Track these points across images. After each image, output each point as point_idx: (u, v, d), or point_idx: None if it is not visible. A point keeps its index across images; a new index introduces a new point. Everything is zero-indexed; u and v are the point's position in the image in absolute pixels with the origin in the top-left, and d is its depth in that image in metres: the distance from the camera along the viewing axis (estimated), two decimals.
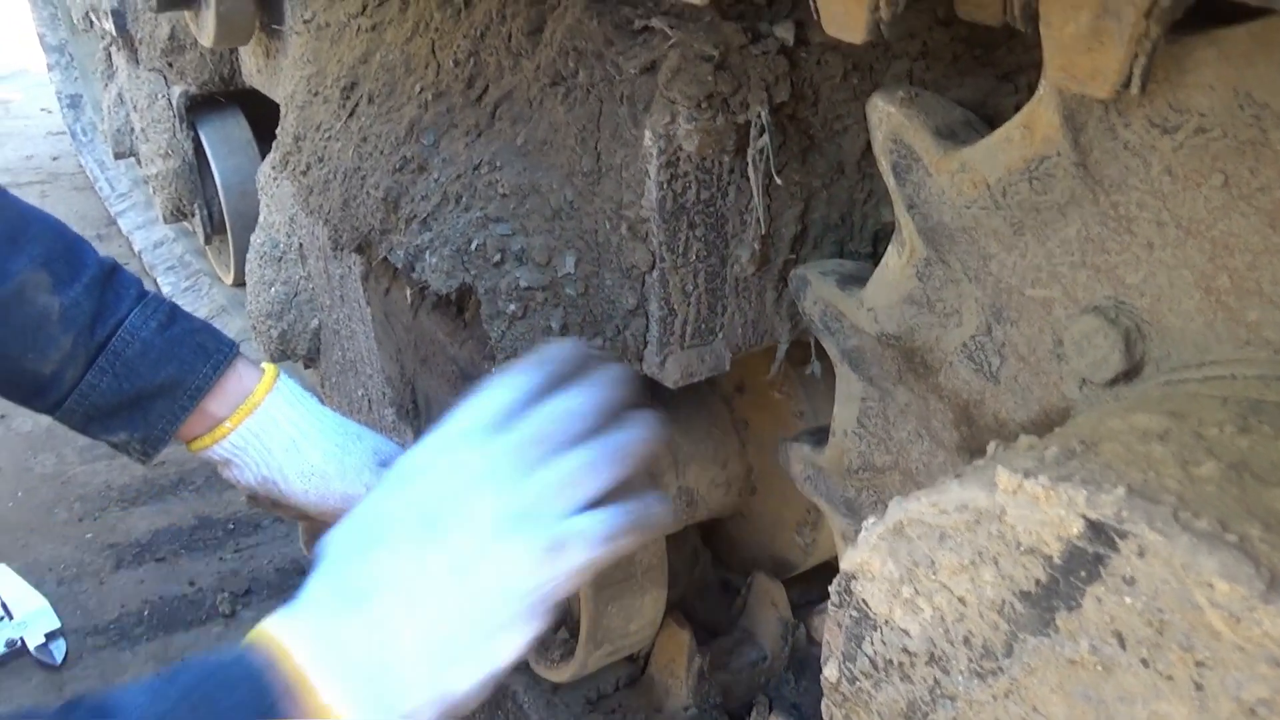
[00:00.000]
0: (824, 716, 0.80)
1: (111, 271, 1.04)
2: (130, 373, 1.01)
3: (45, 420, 2.50)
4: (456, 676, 0.69)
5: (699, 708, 1.45)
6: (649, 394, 1.49)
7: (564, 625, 1.54)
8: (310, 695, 0.67)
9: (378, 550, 0.72)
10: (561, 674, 1.45)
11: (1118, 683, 0.54)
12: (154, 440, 1.06)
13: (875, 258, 1.12)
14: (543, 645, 1.52)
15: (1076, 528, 0.53)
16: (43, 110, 5.41)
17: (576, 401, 0.77)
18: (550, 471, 0.75)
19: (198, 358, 1.03)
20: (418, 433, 1.51)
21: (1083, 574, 0.54)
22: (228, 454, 1.07)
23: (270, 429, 1.06)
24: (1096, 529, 0.52)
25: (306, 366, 2.01)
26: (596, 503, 0.77)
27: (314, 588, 0.77)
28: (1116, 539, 0.52)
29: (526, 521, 0.70)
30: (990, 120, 0.93)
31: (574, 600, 1.52)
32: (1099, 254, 0.75)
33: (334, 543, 0.76)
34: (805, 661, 1.53)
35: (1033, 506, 0.56)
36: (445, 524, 0.70)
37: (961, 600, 0.63)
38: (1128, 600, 0.52)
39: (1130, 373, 0.74)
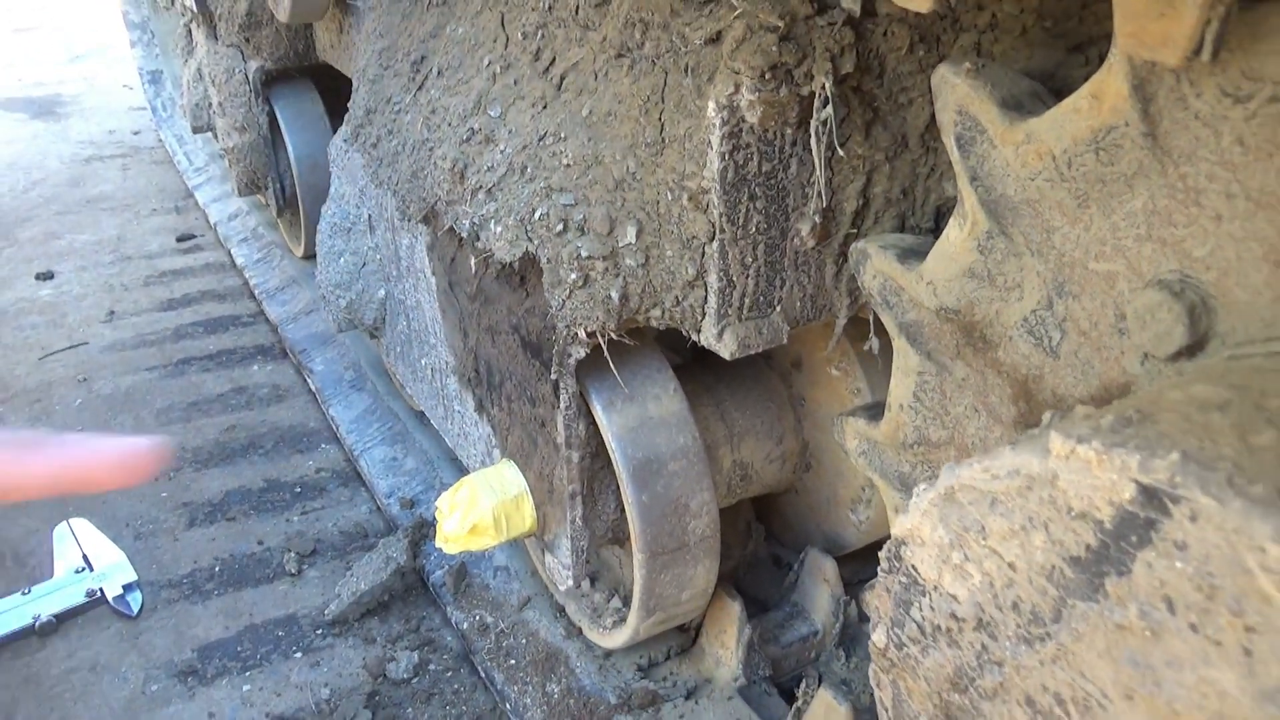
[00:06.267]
0: (871, 682, 0.81)
1: None
2: None
3: (125, 383, 2.60)
4: None
5: (748, 679, 1.46)
6: (704, 367, 1.50)
7: (616, 594, 1.56)
8: None
9: None
10: (614, 641, 1.48)
11: (1166, 648, 0.54)
12: None
13: (937, 233, 1.11)
14: (597, 612, 1.55)
15: (1129, 492, 0.53)
16: (124, 86, 5.58)
17: None
18: None
19: None
20: (479, 401, 1.54)
21: (1134, 539, 0.54)
22: None
23: None
24: (1149, 494, 0.52)
25: (372, 337, 2.06)
26: None
27: None
28: (1169, 504, 0.52)
29: None
30: (1060, 93, 0.92)
31: (627, 568, 1.55)
32: (1165, 226, 0.74)
33: None
34: (856, 638, 1.53)
35: (1085, 471, 0.56)
36: None
37: (1011, 566, 0.63)
38: (1178, 565, 0.52)
39: (1194, 347, 0.73)
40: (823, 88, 0.99)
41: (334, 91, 2.66)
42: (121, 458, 0.65)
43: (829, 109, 1.00)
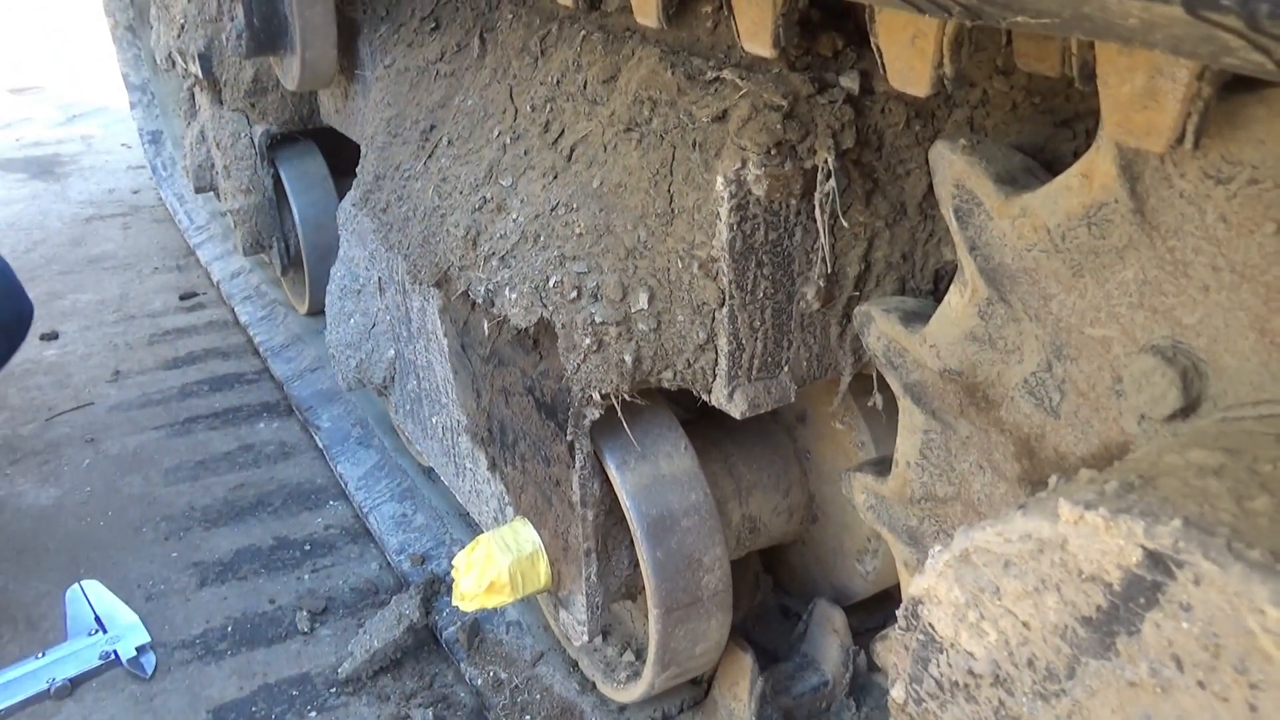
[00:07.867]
0: None
1: None
2: None
3: (133, 443, 2.63)
4: None
5: None
6: (712, 422, 1.54)
7: (629, 647, 1.59)
8: None
9: None
10: (629, 695, 1.50)
11: (1176, 703, 0.57)
12: None
13: (936, 294, 1.16)
14: (610, 667, 1.57)
15: (1135, 557, 0.57)
16: (123, 145, 5.65)
17: None
18: None
19: None
20: (492, 460, 1.58)
21: (1142, 600, 0.58)
22: None
23: None
24: (1155, 558, 0.56)
25: (380, 395, 2.09)
26: None
27: None
28: (1174, 568, 0.55)
29: None
30: (1049, 165, 0.97)
31: (639, 622, 1.57)
32: (1156, 295, 0.79)
33: None
34: (866, 688, 1.56)
35: (1094, 536, 0.60)
36: None
37: (1025, 625, 0.67)
38: (1185, 625, 0.55)
39: (1187, 409, 0.78)
40: (825, 162, 1.04)
41: (336, 153, 2.73)
42: None
43: (831, 182, 1.05)
